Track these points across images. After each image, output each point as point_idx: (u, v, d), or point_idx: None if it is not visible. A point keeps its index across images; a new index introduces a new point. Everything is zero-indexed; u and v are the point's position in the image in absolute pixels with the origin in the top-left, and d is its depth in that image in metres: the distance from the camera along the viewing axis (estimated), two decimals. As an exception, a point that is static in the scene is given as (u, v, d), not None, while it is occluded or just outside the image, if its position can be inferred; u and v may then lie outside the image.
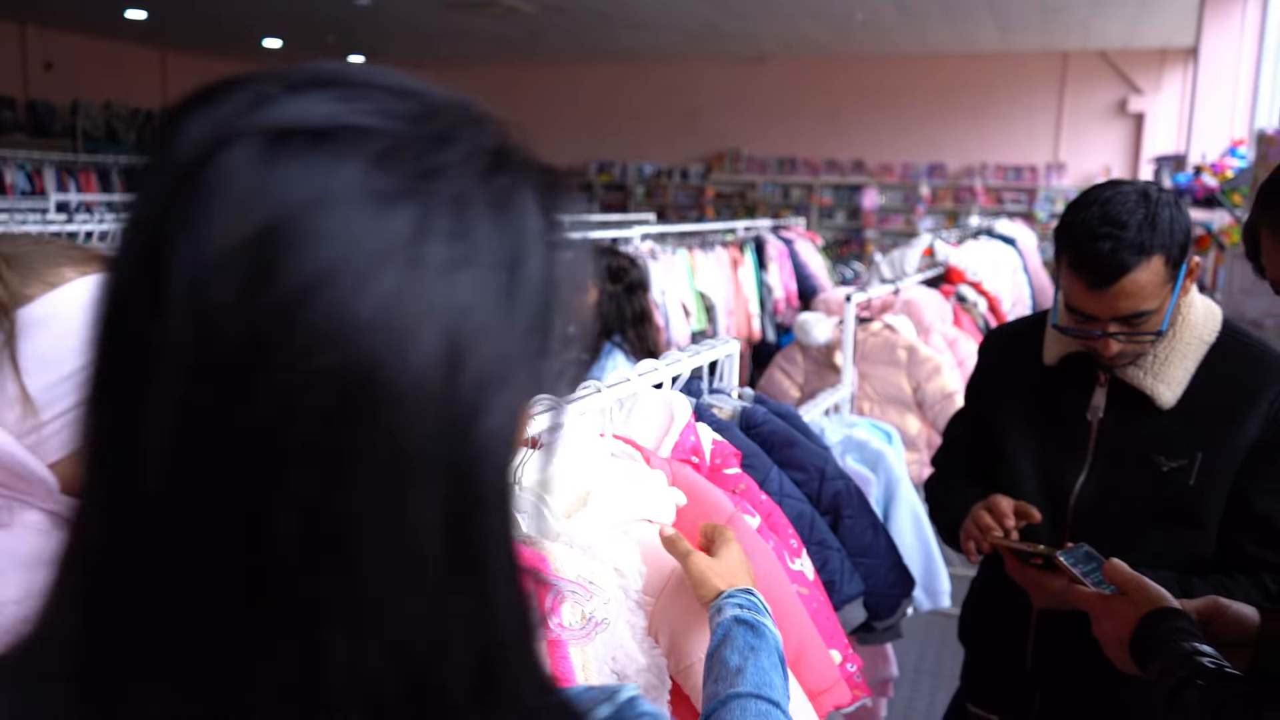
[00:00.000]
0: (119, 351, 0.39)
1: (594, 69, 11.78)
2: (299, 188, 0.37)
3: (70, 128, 10.20)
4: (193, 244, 0.37)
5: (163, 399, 0.37)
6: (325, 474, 0.38)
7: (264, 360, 0.36)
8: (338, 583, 0.39)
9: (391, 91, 0.43)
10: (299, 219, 0.37)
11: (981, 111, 10.15)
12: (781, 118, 11.26)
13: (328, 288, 0.36)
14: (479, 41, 10.61)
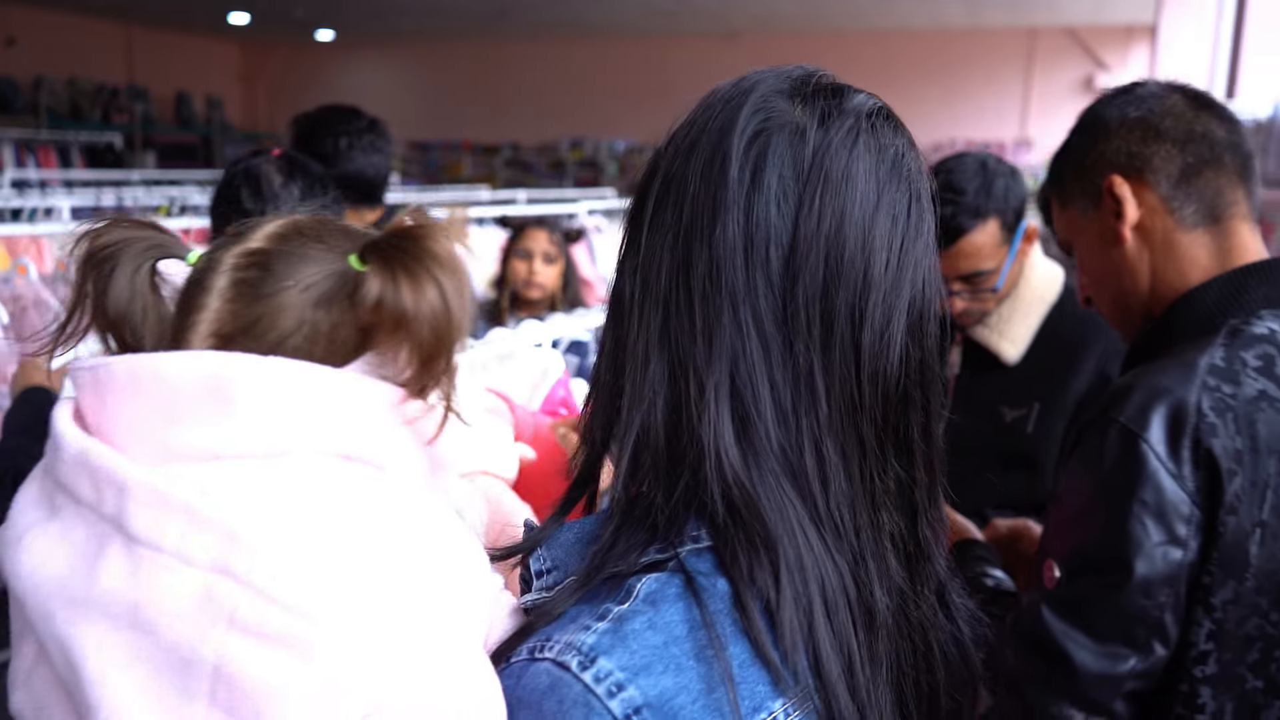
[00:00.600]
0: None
1: (564, 45, 11.69)
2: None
3: (33, 104, 10.08)
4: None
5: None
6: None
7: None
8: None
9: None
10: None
11: (951, 88, 10.11)
12: (753, 94, 11.21)
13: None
14: (448, 17, 10.51)
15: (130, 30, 11.58)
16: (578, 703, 0.54)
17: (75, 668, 0.50)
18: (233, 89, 13.17)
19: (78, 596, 0.51)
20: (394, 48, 12.81)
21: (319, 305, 0.60)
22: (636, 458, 0.62)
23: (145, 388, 0.55)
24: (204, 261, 0.62)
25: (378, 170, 2.18)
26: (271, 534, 0.51)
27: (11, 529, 0.56)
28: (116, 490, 0.52)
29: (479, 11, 9.96)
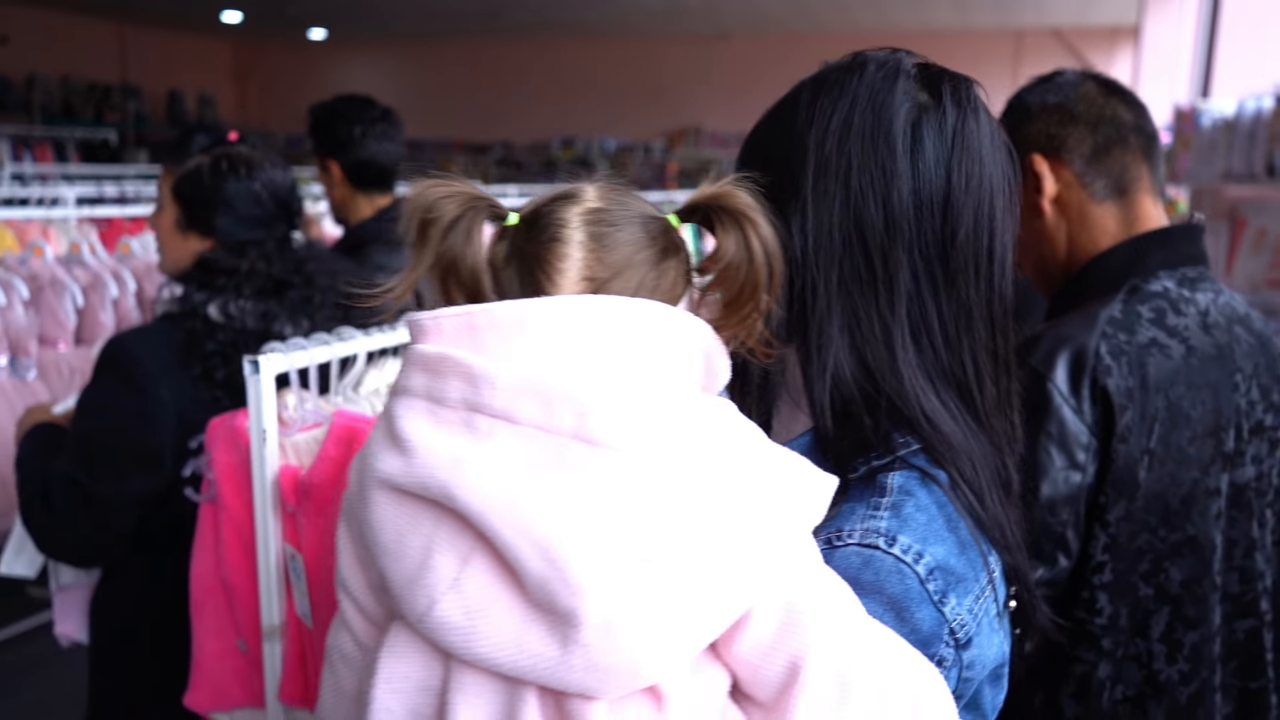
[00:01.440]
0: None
1: (557, 44, 11.77)
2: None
3: (26, 102, 10.10)
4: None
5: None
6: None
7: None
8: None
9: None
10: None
11: (937, 88, 10.23)
12: (743, 94, 11.26)
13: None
14: (441, 16, 10.58)
15: (123, 28, 11.60)
16: (892, 571, 0.71)
17: (554, 557, 0.58)
18: (225, 87, 13.20)
19: (553, 498, 0.59)
20: (386, 47, 12.86)
21: (653, 258, 0.71)
22: (834, 392, 0.76)
23: (530, 329, 0.64)
24: (547, 218, 0.70)
25: (390, 156, 2.28)
26: (719, 430, 0.64)
27: (432, 457, 0.62)
28: (576, 408, 0.61)
29: (471, 11, 10.03)
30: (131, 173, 5.97)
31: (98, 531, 1.59)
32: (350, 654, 0.76)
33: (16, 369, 2.29)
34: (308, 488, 1.32)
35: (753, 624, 0.63)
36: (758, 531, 0.61)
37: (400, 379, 0.68)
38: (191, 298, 1.63)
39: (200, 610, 1.45)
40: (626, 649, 0.58)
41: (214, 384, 1.60)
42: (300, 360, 1.35)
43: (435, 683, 0.65)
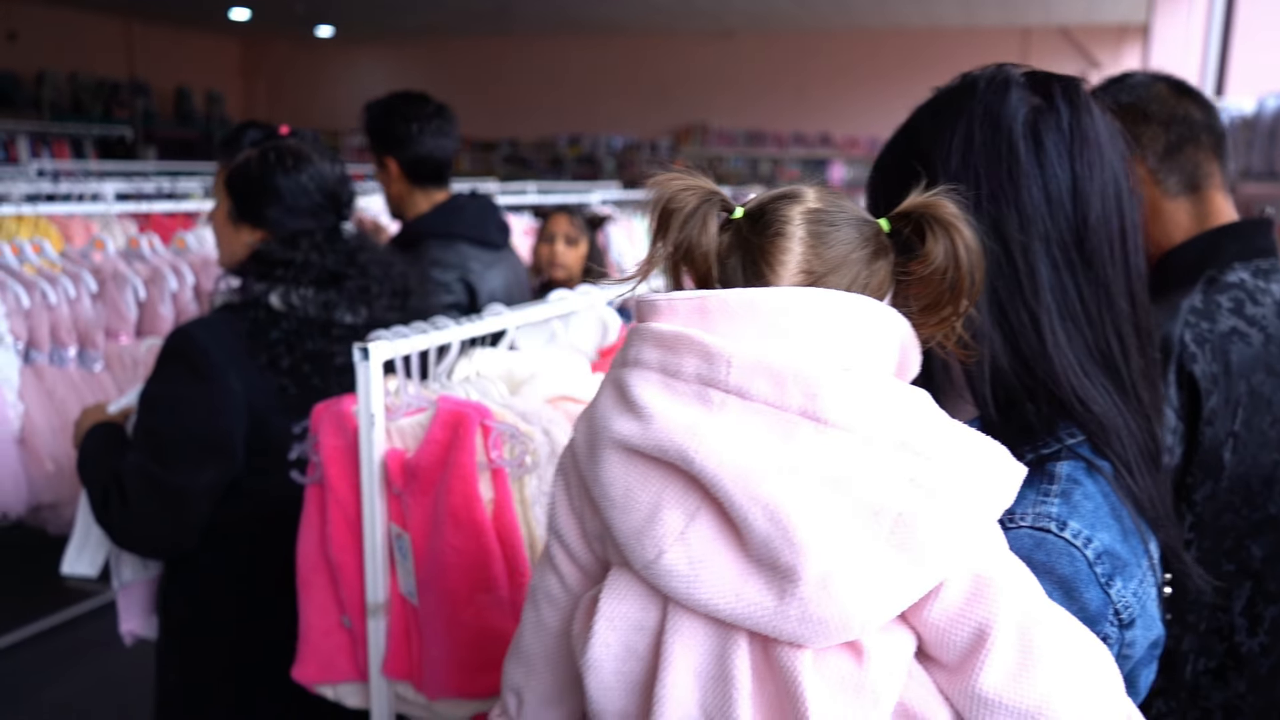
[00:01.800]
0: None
1: (564, 42, 11.81)
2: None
3: (36, 99, 10.11)
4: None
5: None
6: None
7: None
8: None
9: None
10: None
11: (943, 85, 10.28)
12: (749, 91, 11.35)
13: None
14: (449, 14, 10.61)
15: (131, 25, 11.61)
16: (1063, 553, 0.77)
17: (779, 519, 0.65)
18: (233, 85, 13.21)
19: (780, 467, 0.66)
20: (393, 44, 12.88)
21: (867, 258, 0.77)
22: (994, 383, 0.82)
23: (761, 315, 0.71)
24: (772, 214, 0.77)
25: (445, 152, 2.32)
26: (927, 416, 0.70)
27: (669, 424, 0.69)
28: (805, 388, 0.67)
29: (479, 10, 10.06)
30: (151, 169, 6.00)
31: (175, 522, 1.60)
32: (556, 594, 0.83)
33: (84, 360, 2.34)
34: (414, 469, 1.38)
35: (945, 592, 0.68)
36: (960, 508, 0.67)
37: (631, 353, 0.75)
38: (252, 288, 1.66)
39: (307, 588, 1.50)
40: (839, 604, 0.65)
41: (280, 372, 1.63)
42: (405, 348, 1.40)
43: (651, 624, 0.72)
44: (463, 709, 1.41)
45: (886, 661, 0.68)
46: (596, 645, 0.73)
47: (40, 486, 2.22)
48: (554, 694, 0.85)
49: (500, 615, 1.35)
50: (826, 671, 0.67)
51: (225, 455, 1.60)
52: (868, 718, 0.67)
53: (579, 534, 0.80)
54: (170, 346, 1.62)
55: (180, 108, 11.99)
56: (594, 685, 0.75)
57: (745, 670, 0.68)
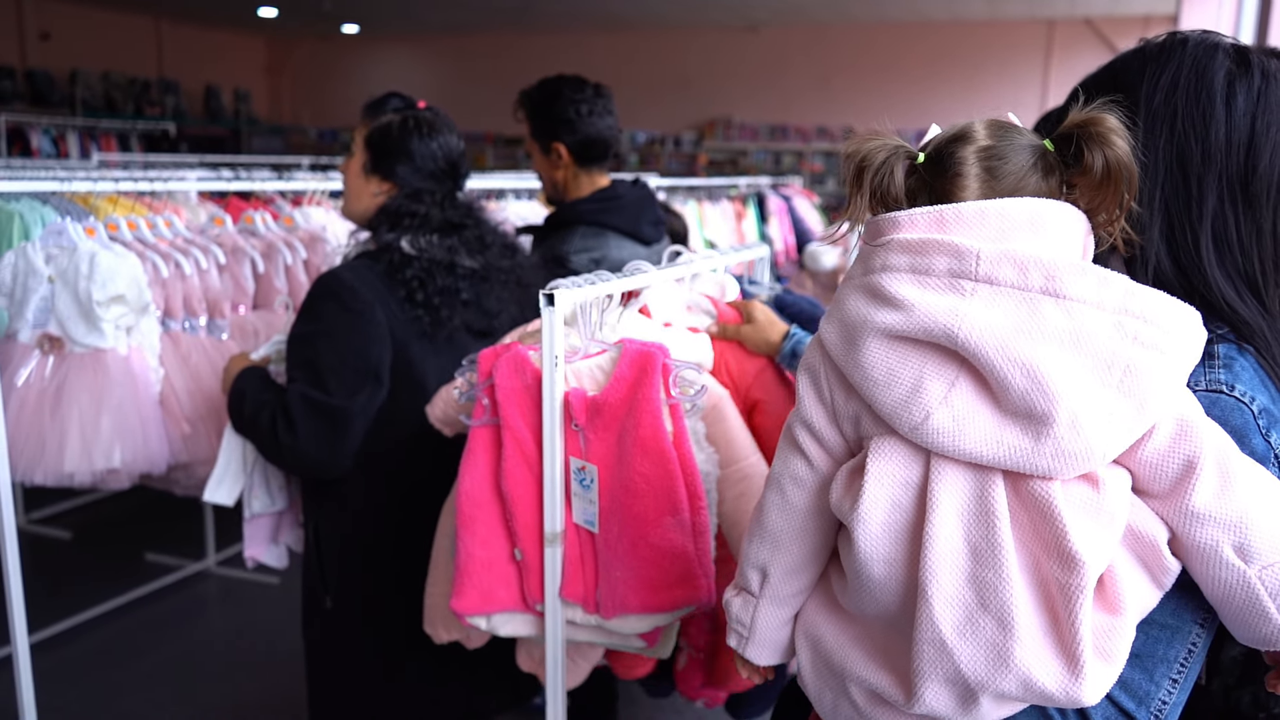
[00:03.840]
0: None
1: (586, 37, 11.92)
2: None
3: (69, 97, 10.27)
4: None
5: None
6: None
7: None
8: None
9: None
10: None
11: (970, 79, 10.38)
12: (773, 85, 11.45)
13: None
14: (473, 10, 10.73)
15: (160, 24, 11.76)
16: (1234, 408, 0.93)
17: (1035, 376, 0.79)
18: (259, 82, 13.35)
19: (1031, 334, 0.81)
20: (417, 41, 13.01)
21: (1038, 179, 0.91)
22: (1155, 283, 0.98)
23: (990, 219, 0.86)
24: (949, 158, 0.91)
25: (612, 131, 2.37)
26: (1139, 286, 0.84)
27: (931, 308, 0.83)
28: (1045, 271, 0.82)
29: (502, 5, 10.19)
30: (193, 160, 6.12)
31: (336, 442, 1.83)
32: (802, 476, 0.98)
33: (213, 329, 2.45)
34: (600, 406, 1.49)
35: (1156, 434, 0.84)
36: (1171, 361, 0.82)
37: (876, 262, 0.89)
38: (384, 236, 1.91)
39: (469, 524, 1.61)
40: (1085, 440, 0.80)
41: (416, 304, 1.87)
42: (587, 295, 1.52)
43: (915, 479, 0.87)
44: (640, 624, 1.52)
45: (1117, 489, 0.84)
46: (866, 500, 0.87)
47: (178, 447, 2.34)
48: (800, 563, 1.00)
49: (682, 535, 1.46)
50: (1072, 498, 0.83)
51: (376, 379, 1.84)
52: (1110, 533, 0.83)
53: (828, 419, 0.95)
54: (320, 288, 1.85)
55: (209, 105, 12.13)
56: (862, 536, 0.88)
57: (1004, 504, 0.83)
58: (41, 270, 2.26)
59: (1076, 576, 0.80)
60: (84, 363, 2.24)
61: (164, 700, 3.06)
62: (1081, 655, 0.80)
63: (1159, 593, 0.87)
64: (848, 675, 0.93)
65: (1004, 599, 0.81)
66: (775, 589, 1.01)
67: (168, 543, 4.14)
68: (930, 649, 0.83)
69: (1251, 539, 0.83)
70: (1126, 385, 0.80)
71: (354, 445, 1.85)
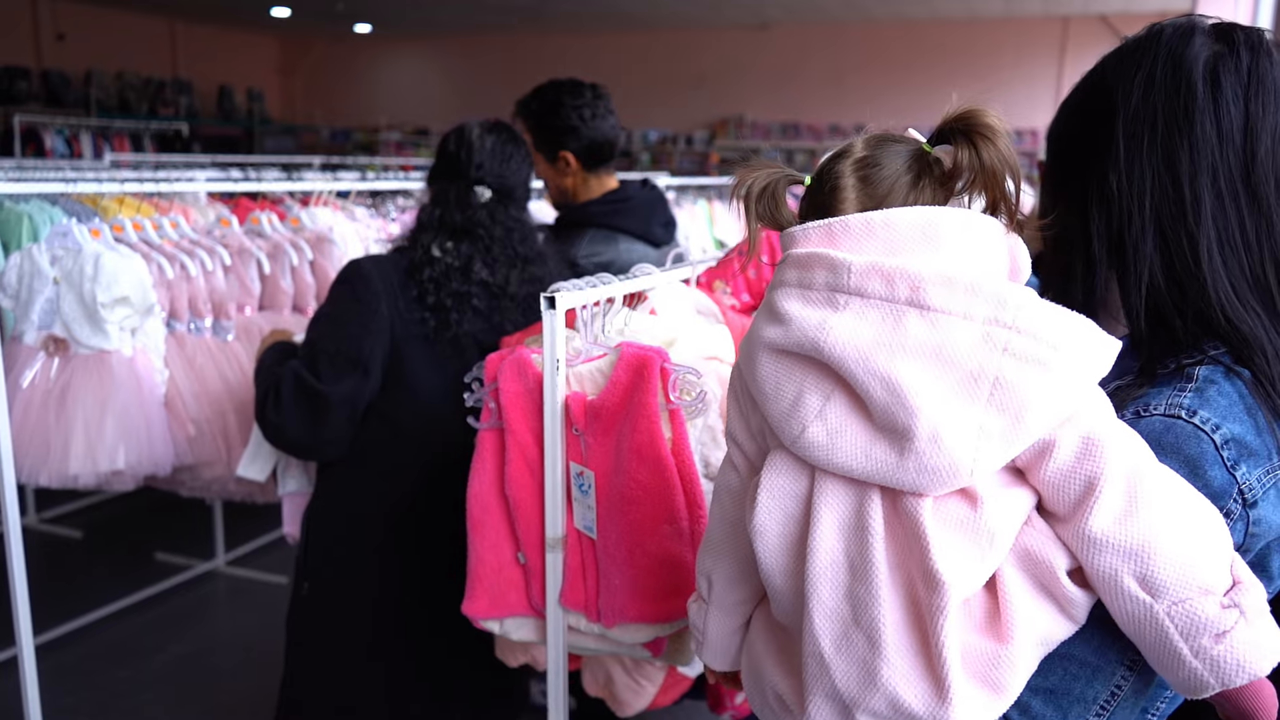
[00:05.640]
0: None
1: (598, 36, 11.91)
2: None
3: (84, 97, 10.32)
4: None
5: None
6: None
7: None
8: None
9: None
10: None
11: (985, 77, 10.31)
12: (786, 83, 11.41)
13: None
14: (485, 10, 10.74)
15: (174, 24, 11.81)
16: (1190, 436, 0.85)
17: (895, 389, 0.77)
18: (271, 82, 13.39)
19: (892, 347, 0.78)
20: (428, 40, 13.02)
21: (910, 182, 0.89)
22: (1148, 300, 0.92)
23: (876, 231, 0.83)
24: (828, 174, 0.91)
25: (615, 131, 2.34)
26: (1020, 296, 0.79)
27: (804, 323, 0.82)
28: (910, 283, 0.80)
29: (514, 4, 10.18)
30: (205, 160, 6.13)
31: (315, 425, 1.85)
32: (734, 486, 0.99)
33: (218, 330, 2.45)
34: (597, 410, 1.47)
35: (1057, 452, 0.79)
36: (1053, 374, 0.77)
37: (778, 276, 0.89)
38: (416, 235, 1.95)
39: (479, 528, 1.61)
40: (948, 456, 0.77)
41: (424, 306, 1.88)
42: (587, 297, 1.50)
43: (802, 491, 0.87)
44: (640, 633, 1.51)
45: (1001, 508, 0.80)
46: (760, 512, 0.88)
47: (182, 449, 2.33)
48: (737, 575, 1.01)
49: (680, 545, 1.44)
50: (945, 515, 0.80)
51: (362, 370, 1.85)
52: (984, 554, 0.79)
53: (747, 432, 0.96)
54: (342, 273, 1.89)
55: (222, 105, 12.17)
56: (761, 548, 0.89)
57: (878, 519, 0.82)
58: (47, 272, 2.26)
59: (938, 596, 0.77)
60: (89, 364, 2.24)
61: (173, 699, 3.06)
62: (948, 679, 0.77)
63: (1068, 624, 0.82)
64: (765, 681, 0.95)
65: (874, 615, 0.80)
66: (719, 597, 1.03)
67: (178, 542, 4.14)
68: (813, 662, 0.84)
69: (1156, 570, 0.76)
70: (998, 399, 0.77)
71: (338, 433, 1.86)
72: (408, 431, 1.90)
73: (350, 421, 1.87)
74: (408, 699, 1.98)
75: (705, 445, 1.58)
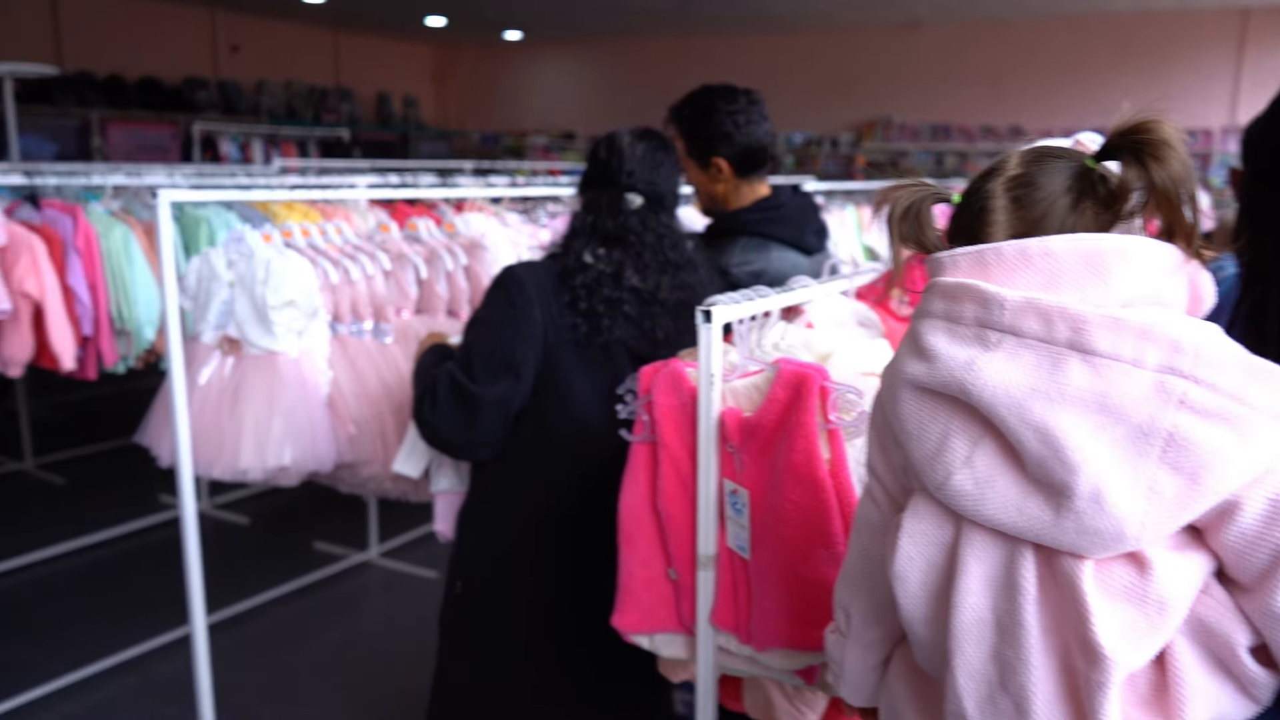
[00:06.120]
0: None
1: (744, 39, 11.84)
2: None
3: (255, 105, 10.95)
4: None
5: None
6: None
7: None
8: None
9: None
10: None
11: (1153, 73, 9.74)
12: (935, 83, 11.07)
13: None
14: (631, 15, 10.82)
15: (338, 36, 12.39)
16: None
17: (1052, 441, 0.71)
18: (426, 89, 13.89)
19: (1050, 395, 0.72)
20: (576, 45, 13.22)
21: (1070, 204, 0.82)
22: None
23: (1034, 261, 0.77)
24: (977, 193, 0.85)
25: (770, 136, 2.30)
26: (1201, 342, 0.71)
27: (950, 362, 0.77)
28: (1071, 324, 0.73)
29: (661, 8, 10.21)
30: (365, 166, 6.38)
31: (468, 427, 1.88)
32: (874, 521, 0.94)
33: (378, 333, 2.53)
34: (753, 428, 1.44)
35: (1242, 514, 0.70)
36: (1241, 430, 0.68)
37: (923, 306, 0.83)
38: (569, 242, 1.96)
39: (630, 541, 1.60)
40: (1111, 518, 0.69)
41: (576, 312, 1.89)
42: (744, 310, 1.47)
43: (947, 539, 0.81)
44: (791, 660, 1.47)
45: (1174, 575, 0.71)
46: (900, 559, 0.83)
47: (343, 447, 2.42)
48: (875, 612, 0.95)
49: (836, 571, 1.39)
50: (1109, 580, 0.72)
51: (515, 374, 1.87)
52: (1154, 625, 0.71)
53: (888, 467, 0.90)
54: (498, 278, 1.92)
55: (380, 111, 12.70)
56: (901, 594, 0.84)
57: (1031, 578, 0.75)
58: (223, 275, 2.38)
59: (1099, 670, 0.70)
60: (259, 364, 2.35)
61: (331, 684, 3.19)
62: None
63: (1249, 706, 0.73)
64: None
65: (1023, 683, 0.74)
66: (857, 633, 0.98)
67: (334, 533, 4.33)
68: None
69: None
70: (1172, 457, 0.68)
71: (491, 434, 1.89)
72: (558, 436, 1.92)
73: (502, 423, 1.90)
74: (554, 702, 1.99)
75: (862, 467, 1.52)
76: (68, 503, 4.80)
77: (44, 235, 2.89)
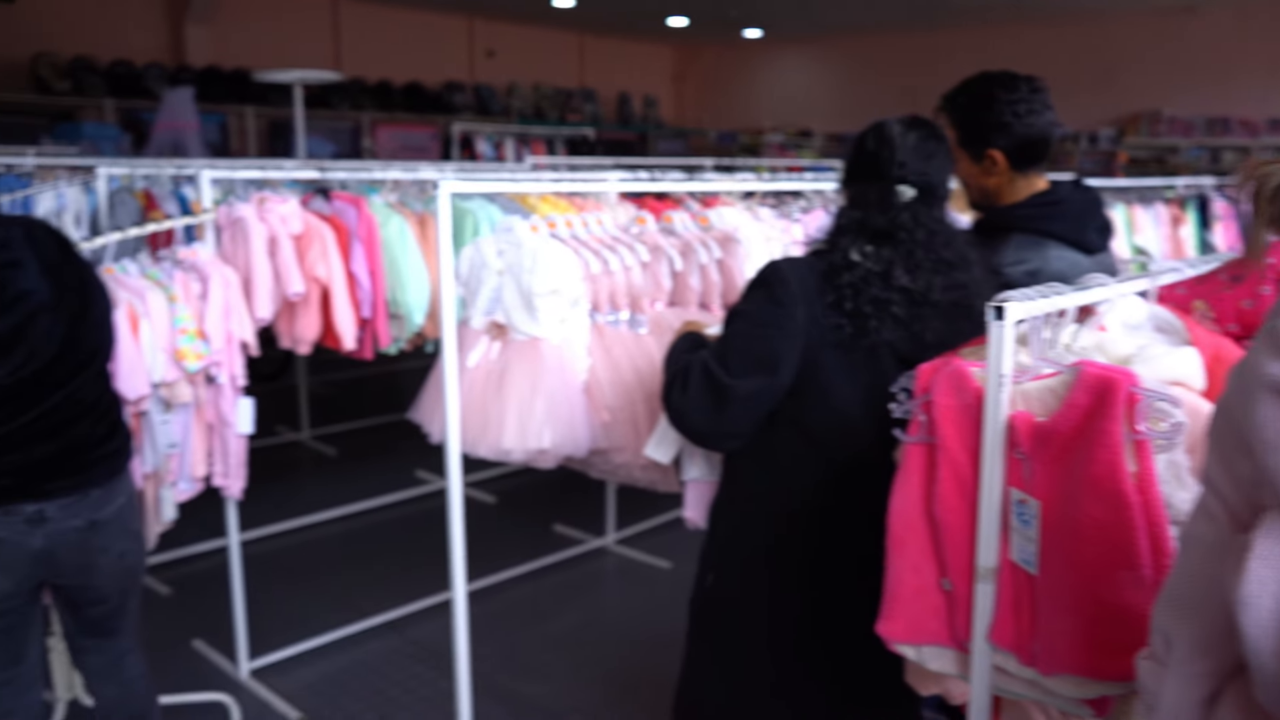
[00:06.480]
0: None
1: (1000, 31, 11.26)
2: None
3: (506, 107, 11.53)
4: None
5: None
6: None
7: None
8: None
9: None
10: None
11: None
12: (1214, 73, 10.09)
13: None
14: (874, 9, 10.54)
15: (583, 39, 12.84)
16: None
17: None
18: (665, 88, 14.15)
19: None
20: (814, 42, 13.05)
21: None
22: None
23: None
24: None
25: (1053, 128, 2.16)
26: None
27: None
28: None
29: (908, 3, 9.88)
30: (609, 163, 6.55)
31: (716, 415, 1.86)
32: (1209, 540, 0.83)
33: (633, 323, 2.58)
34: (1048, 434, 1.34)
35: None
36: None
37: None
38: (835, 238, 1.90)
39: (900, 546, 1.53)
40: None
41: (841, 312, 1.82)
42: (1039, 308, 1.37)
43: None
44: (1082, 689, 1.35)
45: None
46: (1252, 584, 0.72)
47: (598, 433, 2.48)
48: (1206, 641, 0.84)
49: (1140, 594, 1.27)
50: None
51: (769, 370, 1.83)
52: None
53: (1231, 480, 0.80)
54: (761, 274, 1.89)
55: (621, 111, 13.05)
56: (1249, 623, 0.73)
57: None
58: (492, 263, 2.50)
59: None
60: (524, 349, 2.44)
61: (568, 664, 3.30)
62: None
63: None
64: None
65: None
66: (1180, 663, 0.86)
67: (573, 517, 4.47)
68: None
69: None
70: None
71: (738, 427, 1.87)
72: (817, 438, 1.87)
73: (751, 418, 1.87)
74: (792, 699, 1.96)
75: (1168, 484, 1.38)
76: (335, 474, 5.23)
77: (333, 225, 3.15)
